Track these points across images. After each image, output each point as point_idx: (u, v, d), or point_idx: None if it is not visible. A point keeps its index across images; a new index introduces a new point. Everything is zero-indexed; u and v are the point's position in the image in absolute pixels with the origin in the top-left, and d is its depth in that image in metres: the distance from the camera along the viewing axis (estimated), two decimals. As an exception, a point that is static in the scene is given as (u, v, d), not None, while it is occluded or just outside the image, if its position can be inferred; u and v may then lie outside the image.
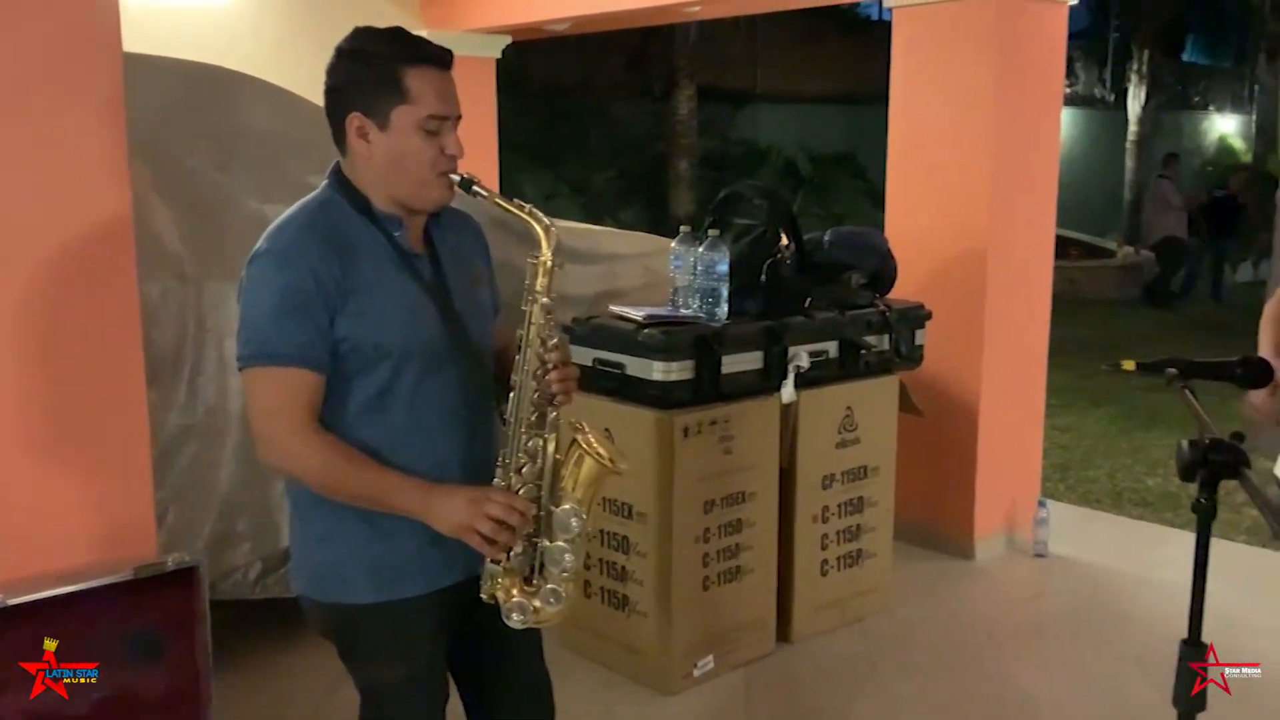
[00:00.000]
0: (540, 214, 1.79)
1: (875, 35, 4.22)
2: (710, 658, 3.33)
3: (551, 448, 1.79)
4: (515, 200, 1.78)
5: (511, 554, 1.76)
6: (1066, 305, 11.14)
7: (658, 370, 3.16)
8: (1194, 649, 1.53)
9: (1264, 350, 1.90)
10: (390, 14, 5.77)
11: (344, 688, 1.95)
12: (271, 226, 1.79)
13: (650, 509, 3.19)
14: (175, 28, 5.22)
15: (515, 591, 1.79)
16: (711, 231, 3.43)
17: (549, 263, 1.77)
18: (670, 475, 3.16)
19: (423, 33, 2.09)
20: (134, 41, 2.54)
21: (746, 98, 15.60)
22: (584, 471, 1.79)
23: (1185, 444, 1.47)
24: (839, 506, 3.66)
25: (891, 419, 3.81)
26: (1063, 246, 14.06)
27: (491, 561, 1.76)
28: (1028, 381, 4.50)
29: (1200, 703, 1.53)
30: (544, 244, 1.77)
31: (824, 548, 3.64)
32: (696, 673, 3.30)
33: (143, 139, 2.66)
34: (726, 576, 3.35)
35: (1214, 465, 1.45)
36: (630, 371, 3.24)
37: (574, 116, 13.53)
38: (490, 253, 2.02)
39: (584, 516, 1.78)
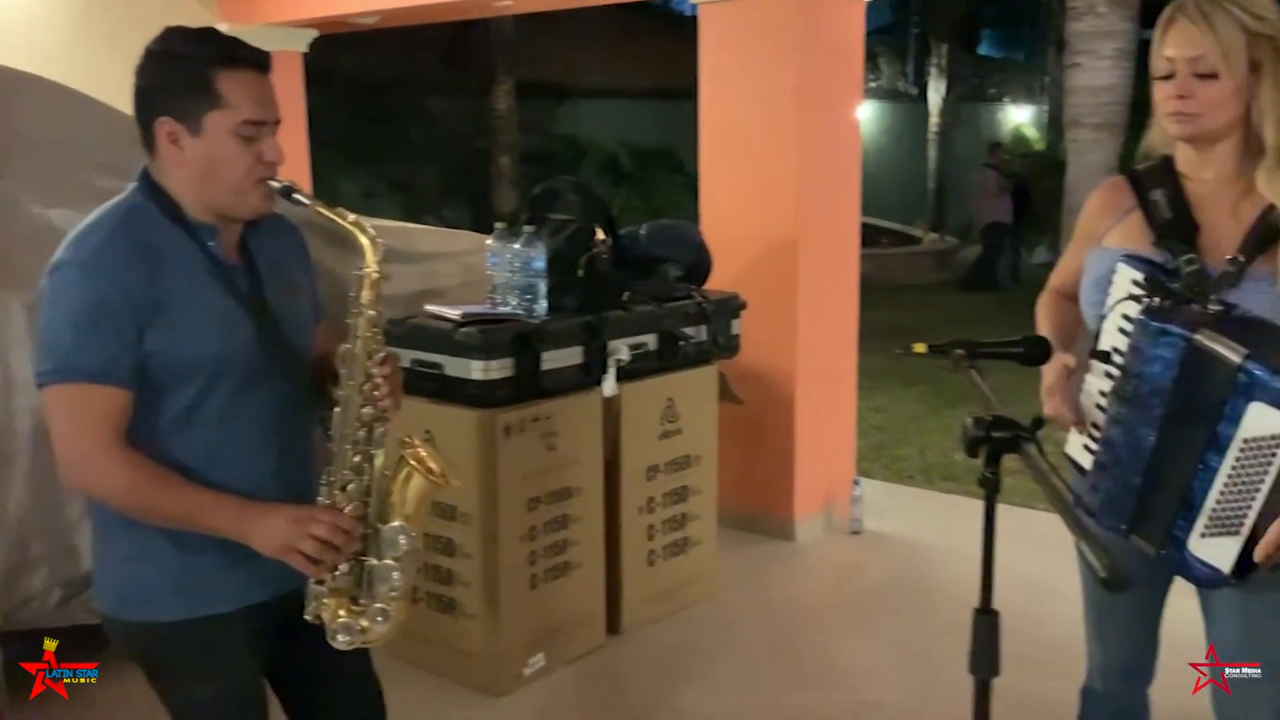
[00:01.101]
0: (366, 224, 1.73)
1: (690, 31, 4.30)
2: (540, 656, 3.33)
3: (379, 464, 1.74)
4: (338, 209, 1.73)
5: (337, 573, 1.71)
6: (879, 291, 11.65)
7: (476, 369, 3.12)
8: (986, 617, 1.61)
9: (1044, 331, 2.02)
10: (186, 7, 5.52)
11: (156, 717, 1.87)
12: (73, 233, 1.67)
13: (474, 510, 3.16)
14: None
15: (342, 611, 1.73)
16: (527, 228, 3.42)
17: (375, 274, 1.72)
18: (493, 474, 3.14)
19: (220, 27, 2.00)
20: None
21: (567, 93, 15.64)
22: (413, 488, 1.75)
23: (970, 421, 1.55)
24: (664, 497, 3.71)
25: (712, 408, 3.88)
26: (873, 234, 14.70)
27: (315, 582, 1.71)
28: (840, 365, 4.67)
29: (994, 668, 1.61)
30: (369, 255, 1.72)
31: (650, 538, 3.68)
32: (527, 671, 3.29)
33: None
34: (554, 573, 3.35)
35: (997, 441, 1.53)
36: (449, 371, 3.20)
37: (391, 113, 13.27)
38: (311, 259, 1.95)
39: (413, 534, 1.73)
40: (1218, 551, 1.70)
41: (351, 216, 1.73)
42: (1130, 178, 1.94)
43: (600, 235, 3.67)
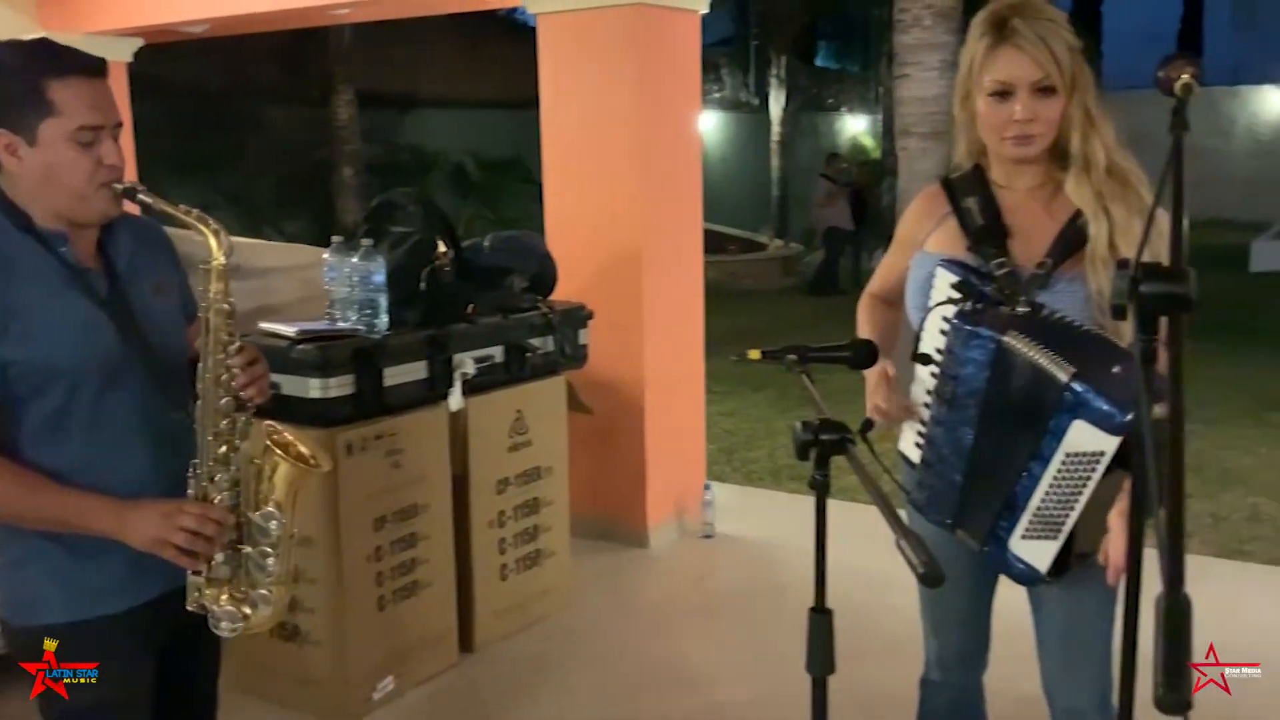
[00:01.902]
0: (209, 218, 1.77)
1: (533, 40, 4.28)
2: (390, 679, 3.25)
3: (246, 453, 1.79)
4: (181, 206, 1.76)
5: (213, 563, 1.76)
6: (727, 297, 11.86)
7: (315, 387, 3.04)
8: (820, 616, 1.64)
9: (864, 334, 2.08)
10: (3, 18, 5.24)
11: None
12: None
13: (316, 532, 3.07)
14: None
15: (223, 599, 1.79)
16: (365, 241, 3.34)
17: (222, 266, 1.75)
18: (335, 495, 3.05)
19: (39, 35, 1.95)
20: None
21: (411, 103, 15.39)
22: (281, 474, 1.80)
23: (799, 425, 1.59)
24: (515, 510, 3.68)
25: (561, 419, 3.87)
26: (720, 242, 14.96)
27: (193, 573, 1.77)
28: (688, 372, 4.72)
29: (829, 665, 1.65)
30: (214, 248, 1.75)
31: (502, 552, 3.65)
32: (376, 696, 3.21)
33: None
34: (403, 593, 3.29)
35: (825, 444, 1.57)
36: (286, 390, 3.10)
37: (226, 123, 12.80)
38: (179, 259, 1.97)
39: (283, 519, 1.79)
40: (1036, 552, 1.79)
41: (195, 212, 1.76)
42: (945, 186, 2.02)
43: (442, 247, 3.62)
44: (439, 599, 3.42)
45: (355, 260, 3.28)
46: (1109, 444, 1.66)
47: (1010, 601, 2.09)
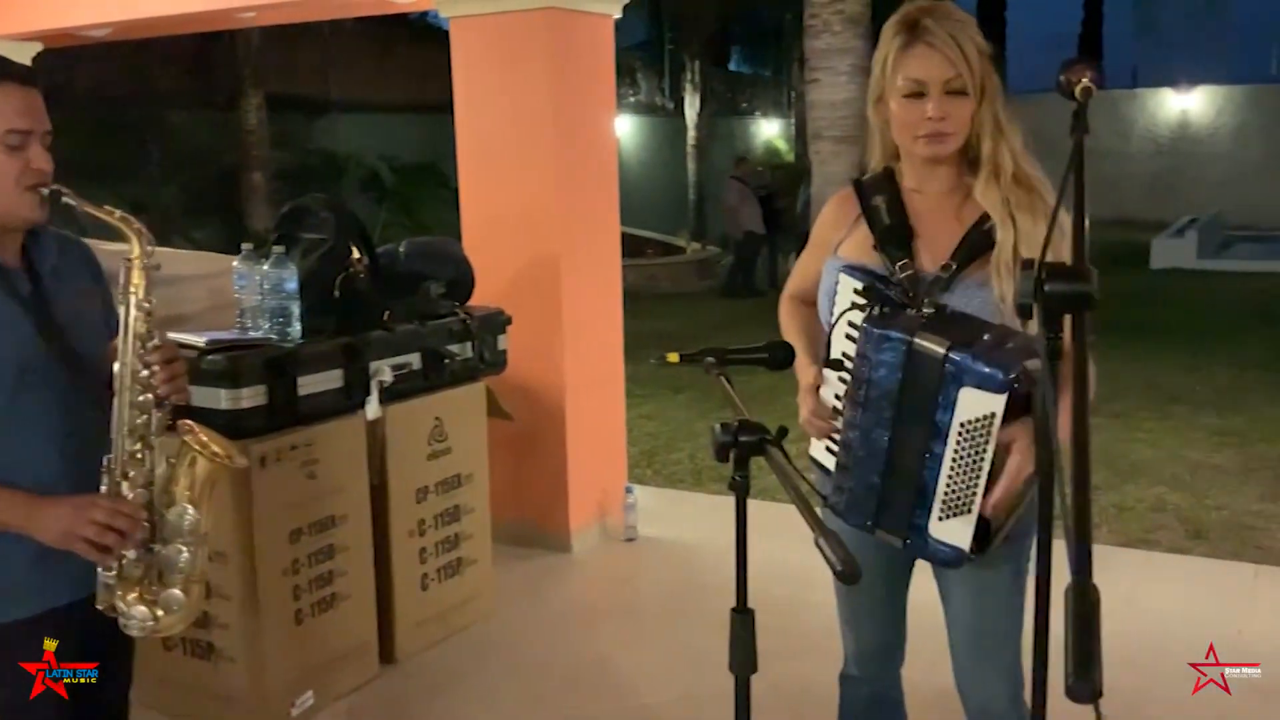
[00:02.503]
0: (132, 218, 1.80)
1: (447, 44, 4.24)
2: (310, 693, 3.19)
3: (160, 450, 1.78)
4: (105, 207, 1.77)
5: (125, 561, 1.76)
6: (647, 300, 11.91)
7: (225, 398, 2.97)
8: (742, 616, 1.66)
9: (788, 336, 2.10)
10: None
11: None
12: None
13: (229, 547, 3.00)
14: None
15: (133, 599, 1.78)
16: (276, 248, 3.28)
17: (142, 261, 1.77)
18: (248, 509, 2.99)
19: None
20: None
21: (322, 107, 15.16)
22: (197, 471, 1.80)
23: (718, 427, 1.60)
24: (435, 518, 3.64)
25: (481, 425, 3.84)
26: (639, 245, 15.02)
27: (105, 571, 1.76)
28: (609, 375, 4.72)
29: (752, 665, 1.66)
30: (134, 243, 1.77)
31: (423, 561, 3.60)
32: (295, 712, 3.15)
33: None
34: (321, 606, 3.23)
35: (744, 445, 1.58)
36: (196, 402, 2.98)
37: (129, 129, 12.47)
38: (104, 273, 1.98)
39: (196, 516, 1.79)
40: (956, 532, 1.82)
41: (118, 213, 1.78)
42: (856, 188, 2.05)
43: (356, 254, 3.56)
44: (358, 611, 3.37)
45: (266, 268, 3.22)
46: (996, 403, 1.70)
47: (927, 598, 2.13)
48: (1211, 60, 31.15)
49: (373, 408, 3.35)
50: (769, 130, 24.13)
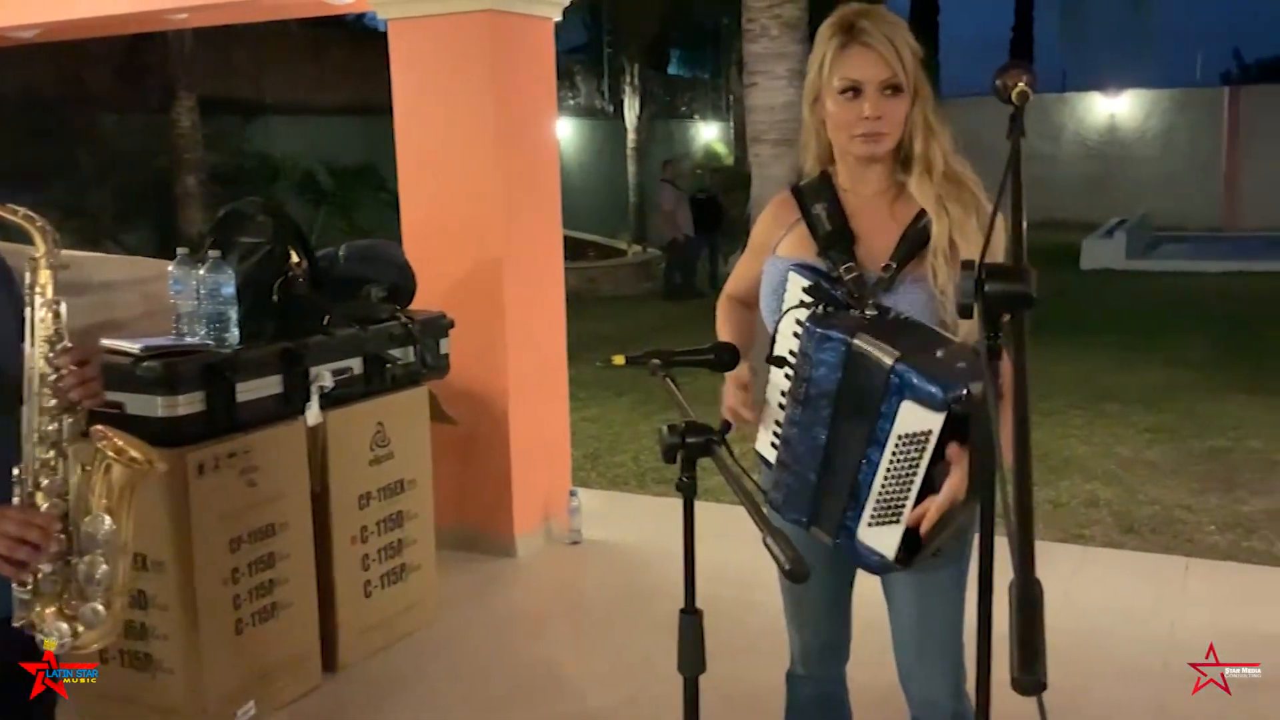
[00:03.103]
0: (36, 216, 1.73)
1: (384, 46, 4.20)
2: (251, 704, 3.14)
3: (73, 458, 1.71)
4: (8, 205, 1.72)
5: (41, 575, 1.68)
6: (588, 302, 11.90)
7: (161, 406, 2.92)
8: (690, 617, 1.66)
9: (723, 336, 2.12)
10: None
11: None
12: None
13: (167, 557, 2.95)
14: None
15: (51, 615, 1.69)
16: (213, 252, 3.23)
17: (48, 260, 1.70)
18: (186, 518, 2.94)
19: None
20: None
21: (256, 110, 14.94)
22: (114, 478, 1.73)
23: (665, 429, 1.60)
24: (378, 524, 3.60)
25: (424, 430, 3.81)
26: (580, 248, 15.01)
27: (19, 587, 1.68)
28: (552, 378, 4.71)
29: (700, 665, 1.67)
30: (39, 241, 1.70)
31: (366, 568, 3.57)
32: (237, 722, 3.10)
33: None
34: (262, 615, 3.18)
35: (691, 447, 1.59)
36: (131, 410, 2.96)
37: (59, 132, 12.18)
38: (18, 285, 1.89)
39: (112, 525, 1.72)
40: (883, 539, 1.85)
41: (22, 210, 1.72)
42: (794, 193, 2.08)
43: (295, 258, 3.52)
44: (300, 619, 3.33)
45: (203, 272, 3.16)
46: (934, 421, 1.73)
47: (871, 596, 2.15)
48: (1138, 65, 31.90)
49: (313, 413, 3.31)
50: (708, 133, 24.25)
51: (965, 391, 1.68)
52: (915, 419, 1.74)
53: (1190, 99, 23.93)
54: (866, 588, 2.14)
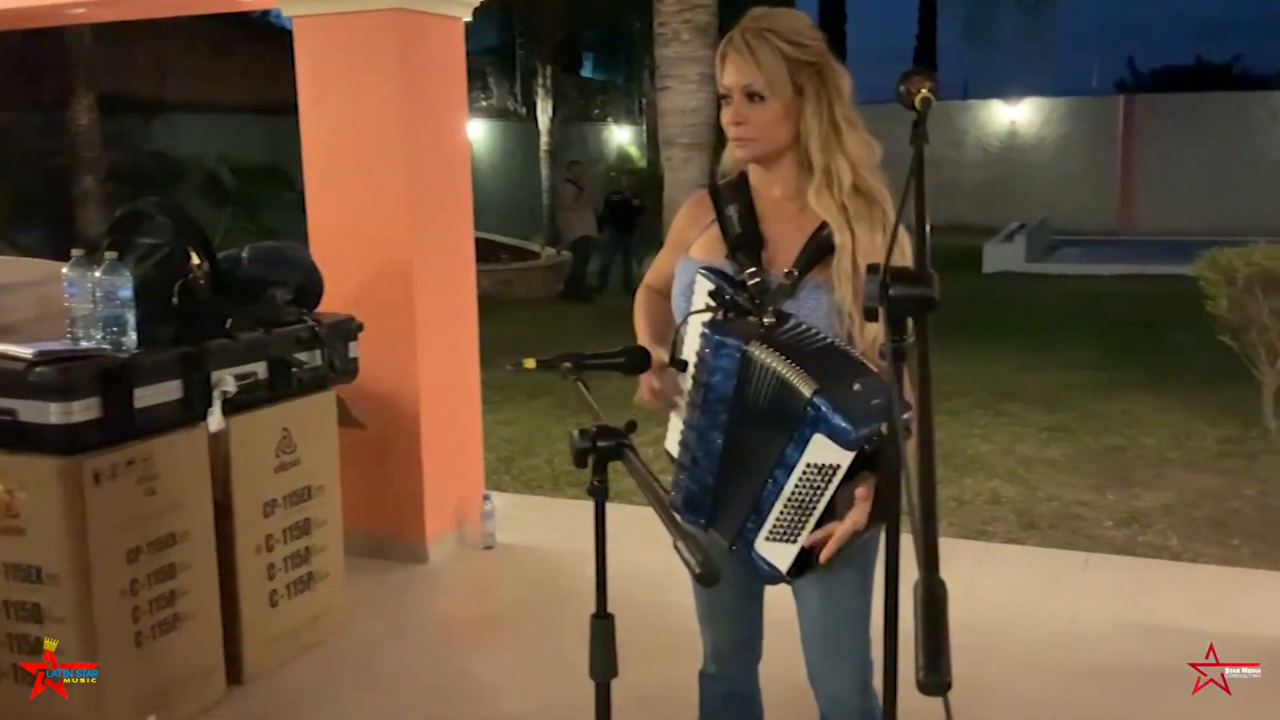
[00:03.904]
0: None
1: (289, 44, 4.11)
2: (153, 718, 3.05)
3: None
4: None
5: None
6: (501, 305, 11.83)
7: (55, 412, 2.81)
8: (601, 621, 1.66)
9: (642, 339, 2.12)
10: None
11: None
12: None
13: (62, 569, 2.84)
14: None
15: None
16: (109, 254, 3.12)
17: None
18: (83, 528, 2.84)
19: None
20: None
21: (157, 108, 14.53)
22: None
23: (576, 433, 1.60)
24: (284, 532, 3.53)
25: (332, 435, 3.75)
26: (493, 250, 14.91)
27: None
28: (463, 382, 4.67)
29: (612, 669, 1.66)
30: None
31: (272, 577, 3.49)
32: (137, 739, 3.01)
33: None
34: (163, 628, 3.09)
35: (602, 450, 1.58)
36: (24, 417, 2.86)
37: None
38: None
39: None
40: (779, 554, 1.88)
41: None
42: (711, 192, 2.09)
43: (196, 259, 3.43)
44: (203, 631, 3.24)
45: (99, 275, 3.06)
46: (844, 458, 1.75)
47: (782, 595, 2.17)
48: (1038, 73, 32.85)
49: (215, 419, 3.23)
50: (621, 136, 24.28)
51: (878, 431, 1.70)
52: (826, 452, 1.75)
53: (1087, 107, 24.71)
54: (777, 587, 2.16)
